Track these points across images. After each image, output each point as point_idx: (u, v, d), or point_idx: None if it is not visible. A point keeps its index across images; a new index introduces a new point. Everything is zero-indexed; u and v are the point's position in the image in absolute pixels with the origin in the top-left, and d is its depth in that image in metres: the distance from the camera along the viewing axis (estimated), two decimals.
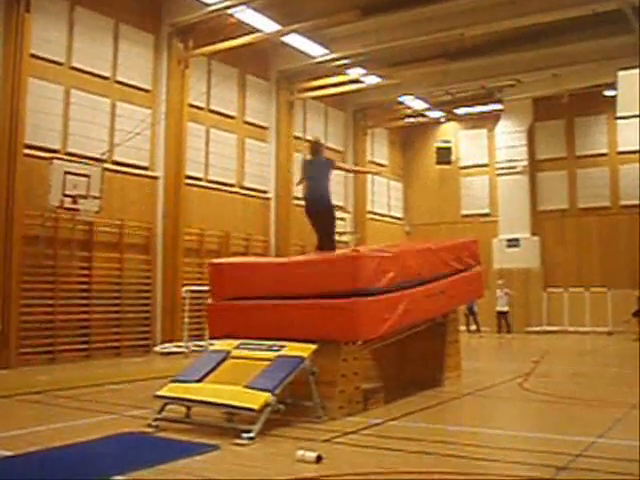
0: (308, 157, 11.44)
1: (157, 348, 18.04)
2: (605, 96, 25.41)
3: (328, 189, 10.78)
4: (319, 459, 6.37)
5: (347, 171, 23.82)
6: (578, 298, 27.41)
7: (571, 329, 26.83)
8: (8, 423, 8.32)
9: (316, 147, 11.21)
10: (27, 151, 15.49)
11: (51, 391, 11.13)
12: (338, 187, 27.46)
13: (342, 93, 25.35)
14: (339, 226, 26.23)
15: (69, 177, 15.72)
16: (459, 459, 6.68)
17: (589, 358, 18.27)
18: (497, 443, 7.44)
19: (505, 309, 26.58)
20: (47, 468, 6.35)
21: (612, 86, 22.39)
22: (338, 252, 10.54)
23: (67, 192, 15.65)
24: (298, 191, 24.02)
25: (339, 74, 23.54)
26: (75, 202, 15.83)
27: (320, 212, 10.84)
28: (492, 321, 26.82)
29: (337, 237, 11.37)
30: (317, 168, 10.98)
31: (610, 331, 25.92)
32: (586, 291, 27.39)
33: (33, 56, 15.87)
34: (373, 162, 30.09)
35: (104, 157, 17.33)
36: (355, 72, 23.52)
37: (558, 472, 6.04)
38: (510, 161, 28.81)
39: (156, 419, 8.09)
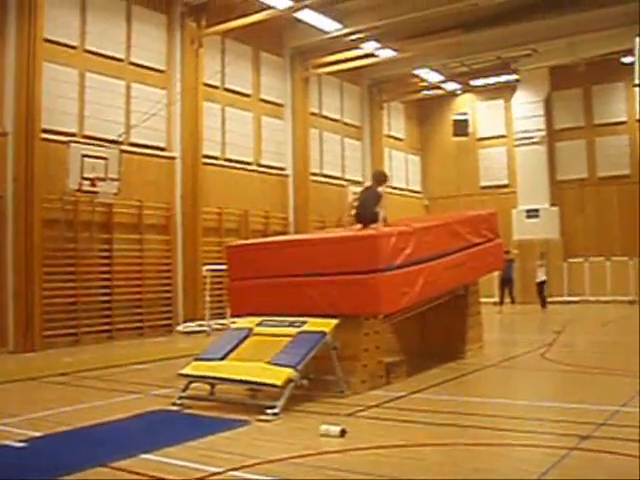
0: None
1: (179, 327, 18.17)
2: (623, 63, 25.10)
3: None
4: (343, 433, 6.44)
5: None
6: (599, 267, 27.22)
7: (592, 299, 26.69)
8: (35, 405, 8.45)
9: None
10: (44, 135, 15.55)
11: (76, 372, 11.28)
12: (354, 163, 27.42)
13: (357, 68, 25.18)
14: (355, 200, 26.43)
15: (87, 160, 15.80)
16: (482, 430, 6.72)
17: (611, 328, 18.20)
18: (519, 413, 7.48)
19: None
20: (76, 447, 6.45)
21: (629, 53, 22.11)
22: (356, 230, 10.52)
23: (85, 175, 15.74)
24: (316, 167, 24.29)
25: (353, 48, 23.38)
26: (94, 185, 15.91)
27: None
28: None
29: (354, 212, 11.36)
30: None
31: (632, 300, 25.77)
32: (607, 260, 27.19)
33: (47, 40, 15.87)
34: (390, 136, 29.96)
35: (121, 139, 17.40)
36: (369, 46, 23.31)
37: (581, 441, 6.06)
38: (528, 131, 28.60)
39: (181, 397, 8.20)
